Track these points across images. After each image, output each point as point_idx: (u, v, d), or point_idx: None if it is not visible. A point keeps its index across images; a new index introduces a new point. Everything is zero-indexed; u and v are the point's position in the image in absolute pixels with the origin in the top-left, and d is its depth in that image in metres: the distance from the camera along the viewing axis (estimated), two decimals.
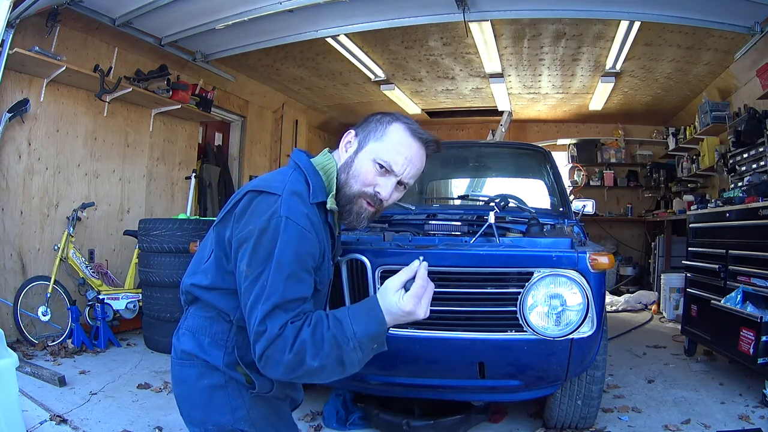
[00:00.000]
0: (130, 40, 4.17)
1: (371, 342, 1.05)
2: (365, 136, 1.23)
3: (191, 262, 1.25)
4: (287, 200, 1.09)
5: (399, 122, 1.22)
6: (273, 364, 1.03)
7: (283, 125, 6.78)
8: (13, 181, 3.60)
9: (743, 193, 3.37)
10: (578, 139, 7.65)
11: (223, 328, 1.16)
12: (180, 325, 1.23)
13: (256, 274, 1.05)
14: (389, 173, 1.19)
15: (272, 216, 1.06)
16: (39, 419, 2.33)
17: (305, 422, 2.43)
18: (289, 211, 1.07)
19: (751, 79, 4.41)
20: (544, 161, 3.31)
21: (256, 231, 1.06)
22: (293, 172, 1.18)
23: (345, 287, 1.86)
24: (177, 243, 3.51)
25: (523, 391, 2.05)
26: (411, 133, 1.21)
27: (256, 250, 1.06)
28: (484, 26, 4.14)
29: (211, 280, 1.15)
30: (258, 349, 1.03)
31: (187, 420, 1.19)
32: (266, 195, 1.10)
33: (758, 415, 2.55)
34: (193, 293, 1.19)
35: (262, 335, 1.02)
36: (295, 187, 1.13)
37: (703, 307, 3.34)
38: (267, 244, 1.05)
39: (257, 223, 1.07)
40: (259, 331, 1.02)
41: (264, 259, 1.05)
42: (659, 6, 3.54)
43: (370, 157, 1.19)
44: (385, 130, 1.21)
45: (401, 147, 1.20)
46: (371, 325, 1.05)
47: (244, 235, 1.08)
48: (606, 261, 1.78)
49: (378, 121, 1.24)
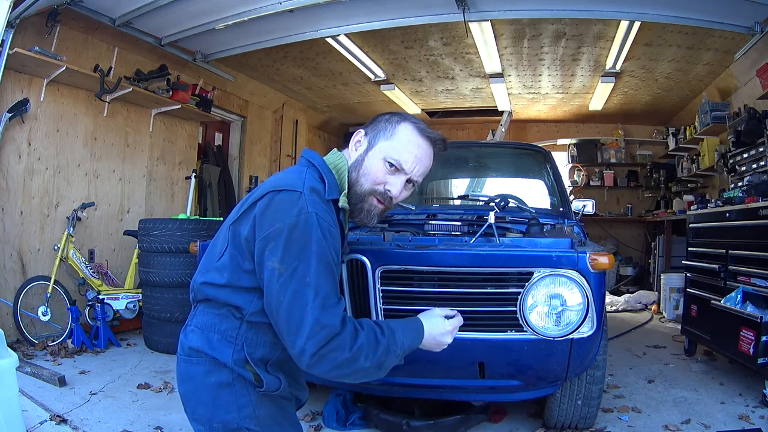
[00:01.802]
0: (130, 40, 4.17)
1: (408, 353, 1.19)
2: (375, 136, 1.26)
3: (202, 259, 1.25)
4: (310, 197, 1.10)
5: (408, 122, 1.26)
6: (327, 361, 1.05)
7: (283, 125, 6.79)
8: (13, 181, 3.60)
9: (743, 193, 3.37)
10: (578, 139, 7.65)
11: (233, 324, 1.15)
12: (188, 322, 1.23)
13: (292, 269, 1.05)
14: (399, 171, 1.23)
15: (300, 212, 1.07)
16: (39, 419, 2.33)
17: (305, 422, 2.43)
18: (315, 207, 1.09)
19: (751, 79, 4.41)
20: (544, 161, 3.31)
21: (286, 227, 1.06)
22: (308, 169, 1.20)
23: (345, 287, 1.85)
24: (177, 243, 3.51)
25: (523, 391, 2.05)
26: (419, 132, 1.25)
27: (288, 245, 1.06)
28: (484, 26, 4.14)
29: (228, 278, 1.15)
30: (312, 346, 1.03)
31: (191, 417, 1.19)
32: (287, 192, 1.11)
33: (758, 415, 2.55)
34: (204, 292, 1.18)
35: (322, 331, 1.03)
36: (313, 184, 1.15)
37: (703, 307, 3.34)
38: (299, 239, 1.06)
39: (285, 220, 1.07)
40: (318, 327, 1.03)
41: (298, 254, 1.06)
42: (659, 6, 3.54)
43: (381, 156, 1.23)
44: (394, 129, 1.24)
45: (410, 146, 1.23)
46: (416, 339, 1.21)
47: (273, 232, 1.07)
48: (606, 261, 1.78)
49: (387, 121, 1.26)
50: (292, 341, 1.05)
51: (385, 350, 1.12)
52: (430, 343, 1.25)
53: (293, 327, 1.05)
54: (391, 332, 1.15)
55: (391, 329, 1.16)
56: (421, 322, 1.24)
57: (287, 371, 1.21)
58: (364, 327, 1.12)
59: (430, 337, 1.24)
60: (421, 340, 1.22)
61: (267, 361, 1.17)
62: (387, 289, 1.82)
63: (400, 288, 1.82)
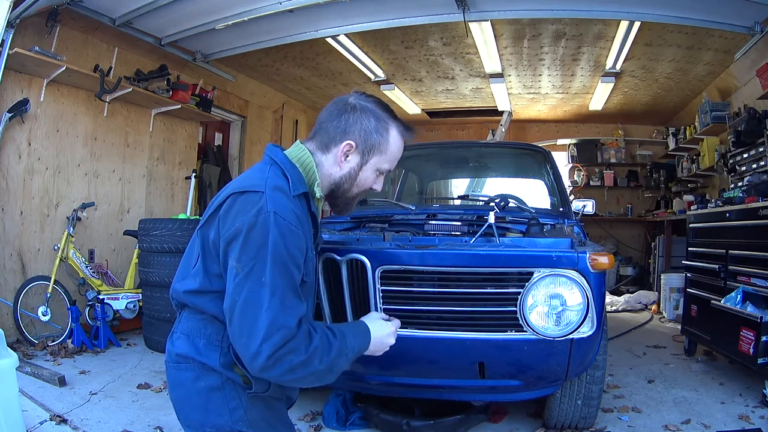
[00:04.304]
0: (130, 40, 4.17)
1: (357, 357, 1.22)
2: (369, 150, 1.26)
3: (179, 267, 1.26)
4: (271, 196, 1.10)
5: (393, 128, 1.29)
6: (281, 364, 1.03)
7: (283, 125, 6.79)
8: (13, 181, 3.60)
9: (743, 193, 3.37)
10: (578, 139, 7.65)
11: (218, 328, 1.15)
12: (174, 329, 1.23)
13: (248, 269, 1.05)
14: (383, 173, 1.33)
15: (259, 212, 1.07)
16: (39, 419, 2.33)
17: (305, 422, 2.43)
18: (276, 206, 1.09)
19: (751, 79, 4.41)
20: (544, 161, 3.31)
21: (245, 227, 1.06)
22: (270, 167, 1.20)
23: (345, 287, 1.85)
24: (177, 243, 3.51)
25: (523, 391, 2.05)
26: (402, 135, 1.31)
27: (246, 245, 1.06)
28: (484, 26, 4.14)
29: (200, 283, 1.15)
30: (267, 348, 1.01)
31: (184, 424, 1.19)
32: (249, 194, 1.11)
33: (758, 415, 2.55)
34: (182, 300, 1.20)
35: (278, 332, 1.01)
36: (276, 182, 1.14)
37: (703, 307, 3.34)
38: (257, 239, 1.05)
39: (244, 220, 1.07)
40: (273, 328, 1.01)
41: (254, 254, 1.05)
42: (659, 6, 3.54)
43: (374, 168, 1.29)
44: (387, 142, 1.28)
45: (399, 153, 1.32)
46: (364, 342, 1.24)
47: (232, 232, 1.07)
48: (606, 261, 1.78)
49: (377, 132, 1.26)
50: (244, 343, 1.03)
51: (337, 353, 1.13)
52: (376, 346, 1.28)
53: (246, 328, 1.03)
54: (343, 336, 1.17)
55: (342, 333, 1.18)
56: (367, 325, 1.27)
57: None
58: (317, 330, 1.12)
59: (377, 340, 1.27)
60: (369, 343, 1.25)
61: None
62: (387, 289, 1.82)
63: (400, 288, 1.82)
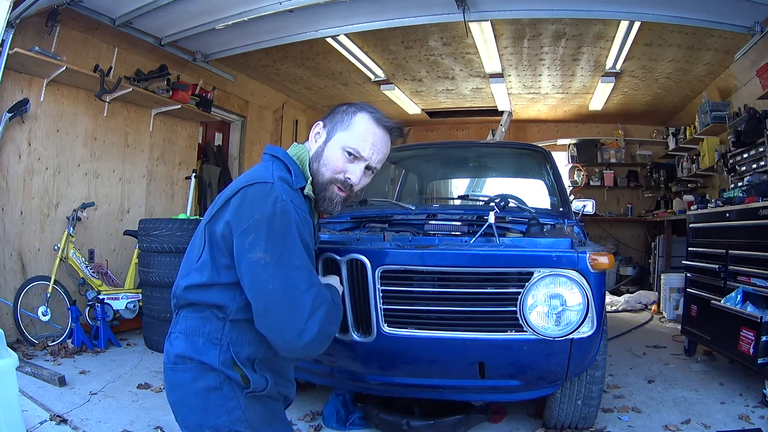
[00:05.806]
0: (130, 40, 4.17)
1: None
2: (333, 127, 1.30)
3: (182, 264, 1.26)
4: (280, 186, 1.14)
5: (364, 111, 1.30)
6: (326, 337, 1.12)
7: (283, 125, 6.78)
8: (13, 181, 3.60)
9: (743, 193, 3.37)
10: (578, 139, 7.65)
11: (217, 326, 1.16)
12: (171, 330, 1.23)
13: (276, 256, 1.08)
14: (358, 159, 1.28)
15: (276, 201, 1.11)
16: (39, 419, 2.33)
17: (305, 422, 2.43)
18: (289, 195, 1.13)
19: (751, 79, 4.41)
20: (544, 161, 3.31)
21: (265, 218, 1.09)
22: (273, 163, 1.24)
23: (345, 287, 1.86)
24: (177, 243, 3.51)
25: (523, 391, 2.05)
26: (375, 121, 1.29)
27: (270, 234, 1.09)
28: (484, 26, 4.14)
29: (208, 276, 1.16)
30: (315, 324, 1.07)
31: (182, 425, 1.19)
32: (259, 185, 1.14)
33: (758, 415, 2.55)
34: (186, 297, 1.20)
35: (321, 307, 1.09)
36: (281, 174, 1.19)
37: (703, 307, 3.34)
38: (280, 227, 1.09)
39: (263, 211, 1.10)
40: (317, 304, 1.08)
41: (281, 240, 1.09)
42: (659, 6, 3.54)
43: (339, 146, 1.27)
44: (351, 120, 1.29)
45: (367, 135, 1.28)
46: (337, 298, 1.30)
47: (252, 224, 1.09)
48: (606, 261, 1.78)
49: (344, 112, 1.30)
50: (287, 326, 1.07)
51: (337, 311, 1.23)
52: None
53: (286, 311, 1.07)
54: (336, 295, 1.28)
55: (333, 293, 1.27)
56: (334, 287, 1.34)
57: (274, 368, 1.22)
58: None
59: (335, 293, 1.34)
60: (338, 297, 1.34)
61: (254, 360, 1.18)
62: (387, 289, 1.82)
63: (400, 288, 1.82)
